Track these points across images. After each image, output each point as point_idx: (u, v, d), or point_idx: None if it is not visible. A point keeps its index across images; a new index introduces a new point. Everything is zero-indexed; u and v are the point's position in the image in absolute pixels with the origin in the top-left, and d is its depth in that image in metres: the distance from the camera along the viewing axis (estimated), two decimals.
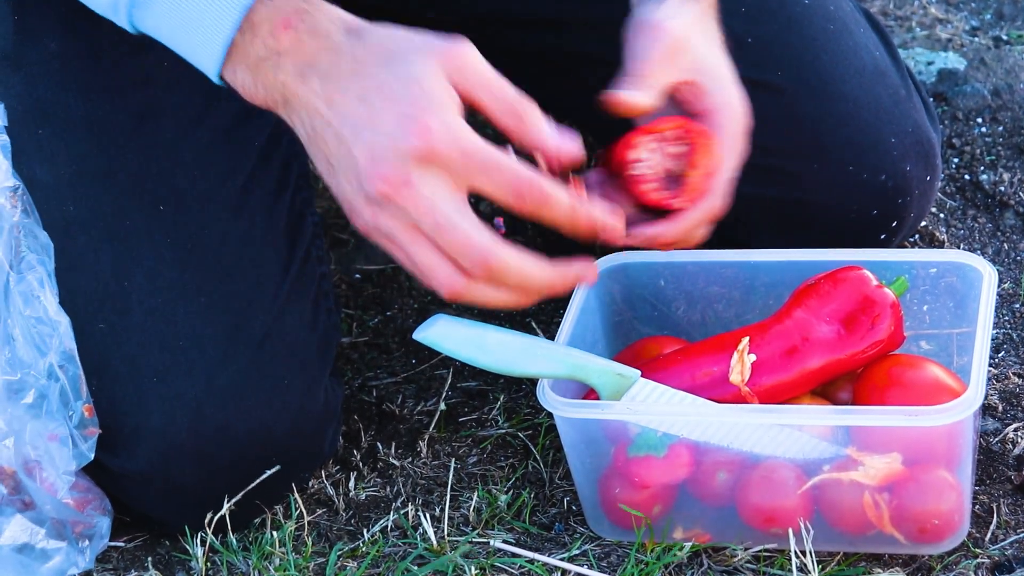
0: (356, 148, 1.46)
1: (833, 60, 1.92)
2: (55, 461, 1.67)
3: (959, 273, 1.78)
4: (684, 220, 1.62)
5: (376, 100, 1.46)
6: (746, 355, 1.70)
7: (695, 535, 1.70)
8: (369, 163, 1.45)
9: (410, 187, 1.45)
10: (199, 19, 1.51)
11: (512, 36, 2.03)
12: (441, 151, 1.45)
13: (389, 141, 1.45)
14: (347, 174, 1.47)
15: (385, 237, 1.48)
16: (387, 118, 1.45)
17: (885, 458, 1.61)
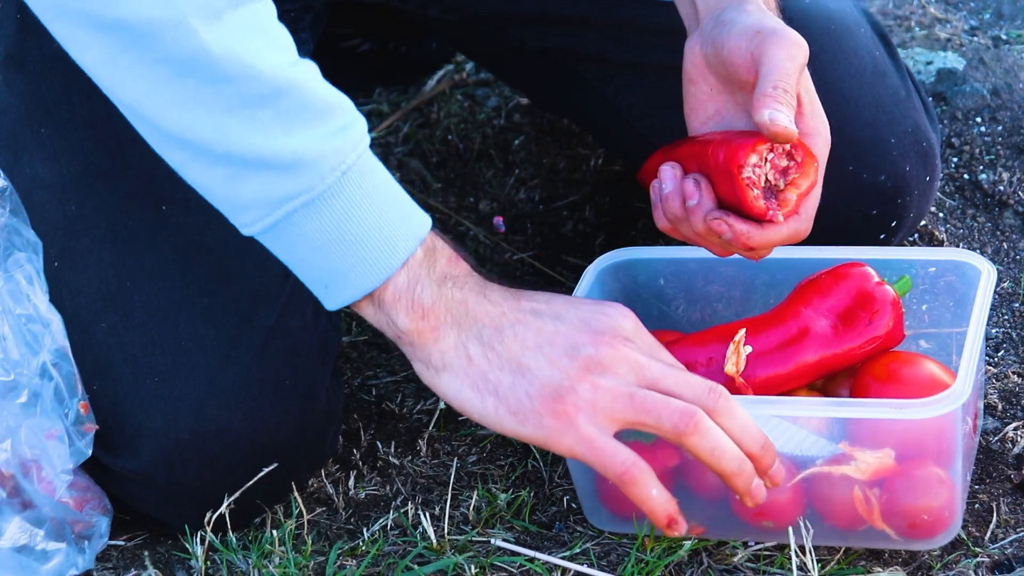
0: (566, 326, 1.54)
1: (833, 60, 1.92)
2: (52, 460, 1.67)
3: (958, 272, 1.78)
4: (773, 232, 1.63)
5: (570, 304, 1.57)
6: (742, 346, 1.70)
7: (691, 528, 1.70)
8: (587, 329, 1.54)
9: (621, 346, 1.54)
10: (376, 234, 1.53)
11: (513, 34, 2.04)
12: (638, 338, 1.56)
13: (603, 315, 1.56)
14: (556, 353, 1.53)
15: (605, 394, 1.53)
16: (594, 316, 1.56)
17: (877, 453, 1.61)
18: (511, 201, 2.32)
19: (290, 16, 1.94)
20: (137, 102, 1.52)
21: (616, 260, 1.86)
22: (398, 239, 1.53)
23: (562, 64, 2.03)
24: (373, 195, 1.53)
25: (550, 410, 1.52)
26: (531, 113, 2.45)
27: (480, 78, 2.54)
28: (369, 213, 1.52)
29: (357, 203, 1.52)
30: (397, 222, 1.54)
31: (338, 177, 1.51)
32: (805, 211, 1.65)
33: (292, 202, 1.51)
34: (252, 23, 1.50)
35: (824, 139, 1.65)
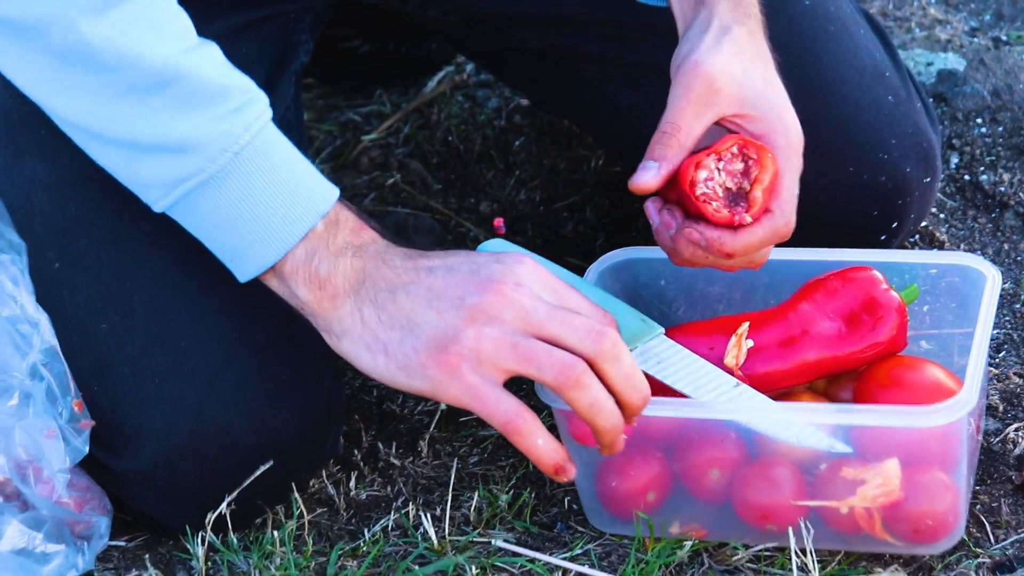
0: (456, 278, 1.55)
1: (833, 61, 1.92)
2: (50, 460, 1.67)
3: (961, 274, 1.78)
4: (748, 234, 1.63)
5: (471, 258, 1.57)
6: (744, 339, 1.70)
7: (692, 530, 1.70)
8: (475, 278, 1.54)
9: (520, 289, 1.54)
10: (272, 213, 1.57)
11: (513, 35, 2.03)
12: (532, 282, 1.55)
13: (495, 264, 1.56)
14: (444, 305, 1.53)
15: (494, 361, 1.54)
16: (482, 261, 1.56)
17: (882, 482, 1.61)
18: (511, 202, 2.32)
19: (289, 17, 1.94)
20: (29, 88, 1.60)
21: (617, 261, 1.86)
22: (296, 216, 1.57)
23: (562, 64, 2.03)
24: (270, 174, 1.57)
25: (435, 361, 1.54)
26: (531, 114, 2.45)
27: (480, 79, 2.54)
28: (265, 191, 1.57)
29: (252, 182, 1.57)
30: (295, 199, 1.57)
31: (230, 158, 1.56)
32: (779, 207, 1.64)
33: (187, 183, 1.57)
34: (138, 15, 1.55)
35: (787, 128, 1.66)
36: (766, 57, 1.69)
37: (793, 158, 1.66)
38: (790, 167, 1.66)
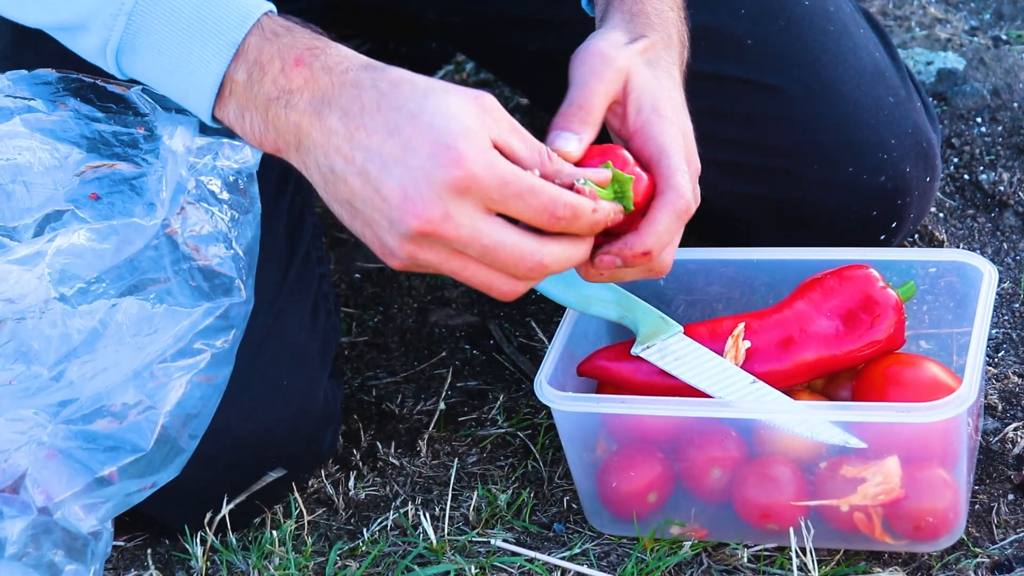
0: (385, 186, 1.40)
1: (833, 61, 1.92)
2: (60, 478, 1.66)
3: (959, 272, 1.78)
4: (649, 225, 1.55)
5: (407, 131, 1.40)
6: (741, 340, 1.71)
7: (692, 530, 1.70)
8: (402, 201, 1.40)
9: (449, 220, 1.40)
10: (188, 58, 1.46)
11: (513, 36, 2.04)
12: (480, 180, 1.39)
13: (422, 175, 1.39)
14: (375, 215, 1.42)
15: (427, 268, 1.44)
16: (420, 150, 1.39)
17: (882, 480, 1.61)
18: None
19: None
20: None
21: None
22: (205, 58, 1.46)
23: (562, 65, 2.03)
24: (173, 19, 1.48)
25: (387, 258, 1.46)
26: (531, 113, 2.45)
27: (480, 78, 2.54)
28: (173, 36, 1.47)
29: (159, 32, 1.48)
30: (202, 35, 1.47)
31: (124, 21, 1.48)
32: (667, 183, 1.55)
33: (106, 54, 1.50)
34: None
35: (660, 123, 1.58)
36: (670, 73, 1.65)
37: (671, 141, 1.58)
38: (671, 149, 1.57)
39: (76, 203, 1.59)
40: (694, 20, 1.88)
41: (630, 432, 1.71)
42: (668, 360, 1.70)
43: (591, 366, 1.76)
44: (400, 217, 1.40)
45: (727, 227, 2.02)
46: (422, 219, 1.40)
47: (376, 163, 1.41)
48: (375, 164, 1.41)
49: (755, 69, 1.92)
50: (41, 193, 1.62)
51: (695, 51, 1.89)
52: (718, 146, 1.94)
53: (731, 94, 1.93)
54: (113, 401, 1.60)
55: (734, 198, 1.97)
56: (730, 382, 1.68)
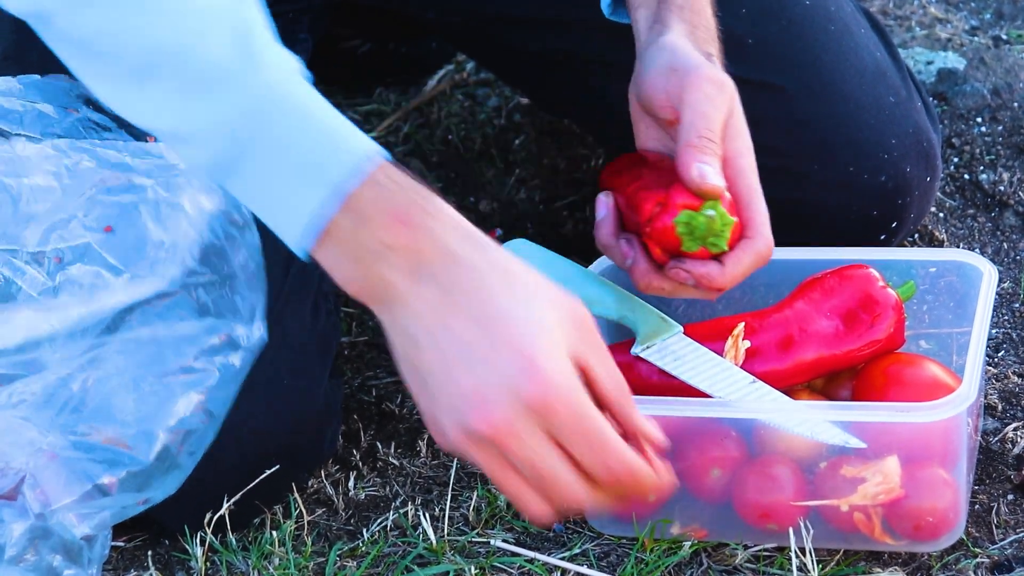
0: (464, 379, 1.36)
1: (834, 61, 1.92)
2: (59, 481, 1.66)
3: (959, 272, 1.78)
4: (734, 263, 1.60)
5: (495, 329, 1.36)
6: (741, 340, 1.71)
7: (692, 530, 1.70)
8: (477, 401, 1.35)
9: (516, 437, 1.36)
10: (293, 198, 1.39)
11: (513, 37, 2.03)
12: (556, 408, 1.36)
13: (503, 382, 1.35)
14: (444, 399, 1.37)
15: (471, 461, 1.40)
16: (505, 354, 1.35)
17: (882, 479, 1.61)
18: (511, 201, 2.32)
19: (288, 17, 1.93)
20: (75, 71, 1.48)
21: None
22: (315, 206, 1.39)
23: (563, 65, 2.03)
24: (277, 152, 1.41)
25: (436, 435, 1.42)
26: (531, 113, 2.45)
27: (480, 78, 2.54)
28: (275, 171, 1.41)
29: (260, 162, 1.40)
30: (312, 180, 1.39)
31: (229, 144, 1.40)
32: (756, 229, 1.61)
33: (209, 169, 1.43)
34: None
35: (747, 157, 1.62)
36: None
37: (751, 176, 1.63)
38: (757, 188, 1.63)
39: (90, 229, 1.60)
40: None
41: None
42: (668, 360, 1.70)
43: None
44: (468, 413, 1.36)
45: None
46: (490, 424, 1.35)
47: (459, 354, 1.37)
48: (458, 354, 1.37)
49: (756, 69, 1.92)
50: (49, 202, 1.62)
51: None
52: None
53: None
54: (115, 412, 1.60)
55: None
56: (730, 382, 1.68)
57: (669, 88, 1.61)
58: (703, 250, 1.61)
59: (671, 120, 1.64)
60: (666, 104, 1.63)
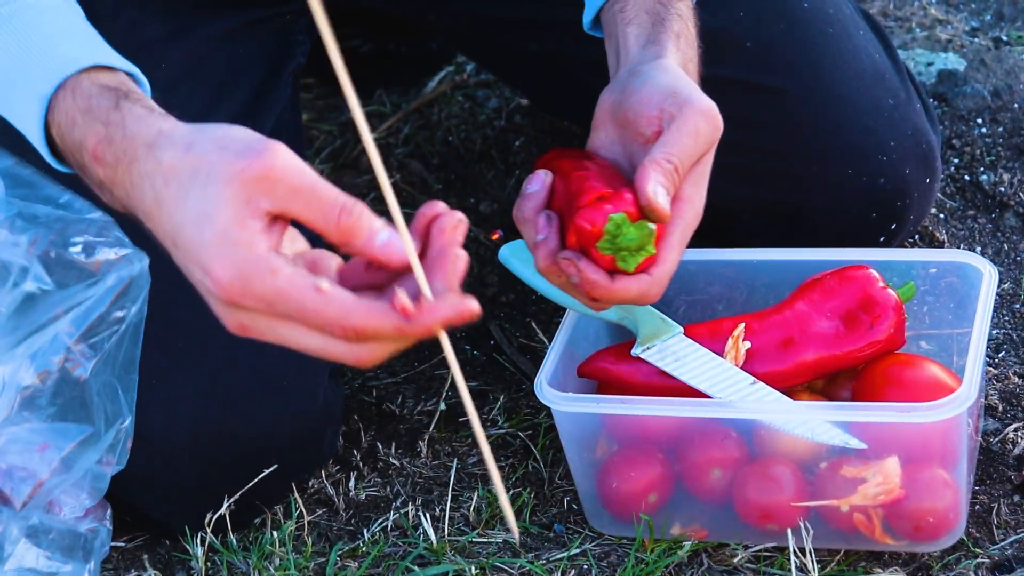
0: (187, 257, 1.32)
1: (833, 64, 1.92)
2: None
3: (959, 273, 1.78)
4: (621, 286, 1.56)
5: (177, 245, 1.32)
6: (741, 341, 1.71)
7: (693, 531, 1.70)
8: (211, 305, 1.33)
9: (252, 331, 1.32)
10: (16, 115, 1.43)
11: (513, 38, 2.04)
12: (253, 304, 1.29)
13: (207, 292, 1.30)
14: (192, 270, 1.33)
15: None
16: (192, 268, 1.31)
17: (882, 480, 1.61)
18: (511, 202, 2.32)
19: (286, 18, 1.94)
20: None
21: None
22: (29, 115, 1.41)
23: (562, 67, 2.03)
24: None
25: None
26: (531, 114, 2.45)
27: (481, 79, 2.54)
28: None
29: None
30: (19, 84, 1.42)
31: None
32: (656, 275, 1.58)
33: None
34: None
35: (695, 211, 1.60)
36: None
37: (686, 232, 1.60)
38: (682, 241, 1.60)
39: None
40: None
41: (630, 432, 1.71)
42: (668, 361, 1.70)
43: (591, 367, 1.76)
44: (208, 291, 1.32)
45: (727, 228, 2.02)
46: (229, 326, 1.32)
47: (176, 240, 1.33)
48: (173, 239, 1.33)
49: (755, 72, 1.92)
50: None
51: None
52: (718, 148, 1.94)
53: (731, 97, 1.92)
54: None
55: (733, 200, 1.97)
56: (730, 383, 1.68)
57: (665, 107, 1.59)
58: (609, 259, 1.56)
59: (647, 136, 1.61)
60: (655, 121, 1.60)
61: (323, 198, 1.28)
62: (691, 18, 1.69)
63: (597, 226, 1.55)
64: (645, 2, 1.69)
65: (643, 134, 1.60)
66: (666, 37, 1.66)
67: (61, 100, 1.41)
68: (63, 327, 1.58)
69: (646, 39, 1.67)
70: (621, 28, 1.69)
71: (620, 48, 1.69)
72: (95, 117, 1.38)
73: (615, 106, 1.63)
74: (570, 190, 1.60)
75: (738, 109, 1.92)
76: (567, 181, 1.62)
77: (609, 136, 1.66)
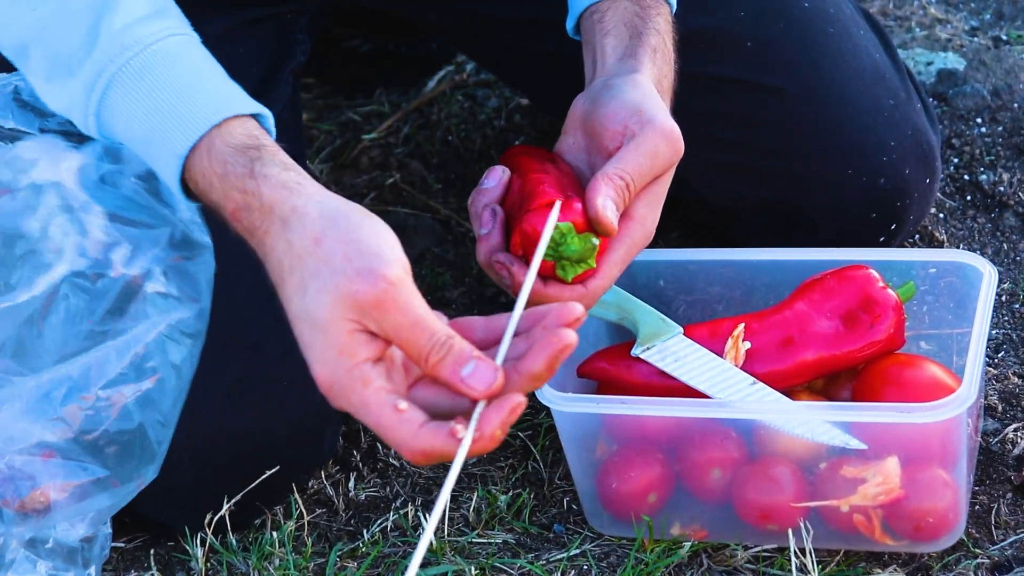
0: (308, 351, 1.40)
1: (833, 63, 1.92)
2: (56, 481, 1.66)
3: (959, 273, 1.78)
4: (555, 292, 1.58)
5: (296, 329, 1.40)
6: (741, 341, 1.71)
7: (693, 531, 1.70)
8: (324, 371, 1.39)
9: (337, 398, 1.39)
10: (156, 161, 1.50)
11: (513, 38, 2.04)
12: (336, 402, 1.38)
13: (315, 378, 1.39)
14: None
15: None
16: (303, 355, 1.40)
17: (882, 480, 1.61)
18: None
19: (286, 17, 1.94)
20: None
21: None
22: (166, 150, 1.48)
23: (563, 66, 2.03)
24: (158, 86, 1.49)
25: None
26: (531, 114, 2.45)
27: (480, 79, 2.54)
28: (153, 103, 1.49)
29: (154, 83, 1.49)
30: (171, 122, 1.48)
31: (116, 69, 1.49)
32: (591, 288, 1.59)
33: (99, 81, 1.50)
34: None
35: (645, 231, 1.61)
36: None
37: (629, 252, 1.61)
38: (621, 262, 1.61)
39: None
40: (694, 22, 1.88)
41: (630, 433, 1.71)
42: (668, 361, 1.70)
43: (591, 367, 1.76)
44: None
45: (727, 228, 2.02)
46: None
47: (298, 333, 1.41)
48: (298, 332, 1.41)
49: (755, 71, 1.92)
50: None
51: (695, 53, 1.90)
52: (717, 148, 1.95)
53: (730, 96, 1.93)
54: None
55: (733, 199, 1.97)
56: (730, 383, 1.68)
57: (629, 124, 1.60)
58: (550, 265, 1.57)
59: (609, 151, 1.61)
60: (617, 137, 1.60)
61: (420, 336, 1.36)
62: (669, 32, 1.70)
63: (541, 232, 1.55)
64: (624, 14, 1.70)
65: (606, 147, 1.62)
66: (643, 51, 1.67)
67: (197, 161, 1.47)
68: (112, 353, 1.59)
69: (623, 52, 1.68)
70: (599, 38, 1.70)
71: (597, 58, 1.70)
72: (231, 184, 1.45)
73: (585, 115, 1.66)
74: (524, 191, 1.61)
75: (738, 108, 1.93)
76: (523, 181, 1.63)
77: (577, 143, 1.67)
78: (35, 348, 1.59)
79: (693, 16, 1.87)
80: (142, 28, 1.49)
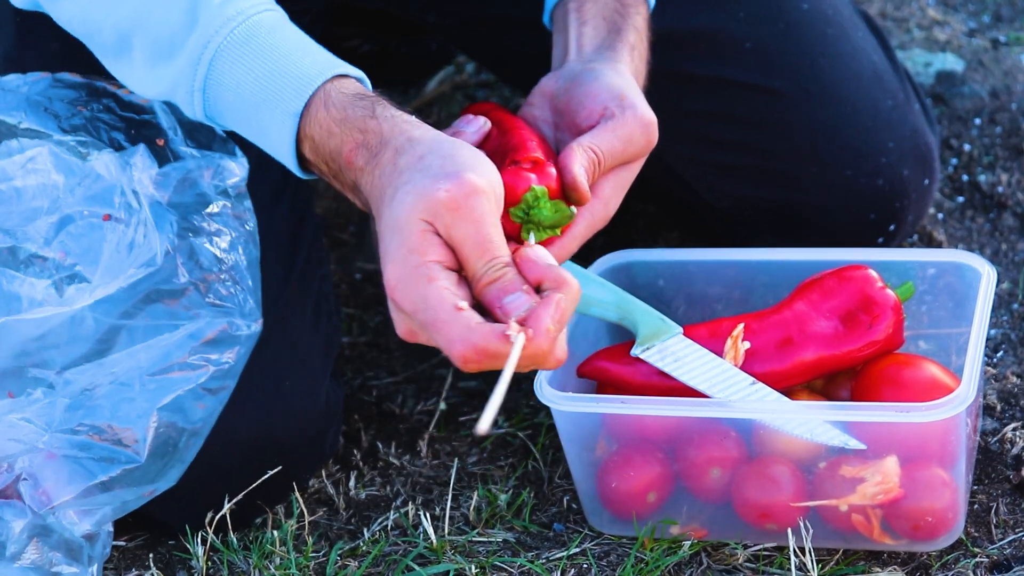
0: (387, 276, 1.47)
1: (831, 65, 1.93)
2: (60, 479, 1.67)
3: (958, 273, 1.79)
4: (518, 254, 1.56)
5: (381, 242, 1.47)
6: (740, 341, 1.71)
7: (692, 530, 1.71)
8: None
9: (411, 332, 1.46)
10: (263, 132, 1.57)
11: (512, 38, 2.04)
12: (400, 303, 1.43)
13: (386, 275, 1.45)
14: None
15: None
16: (382, 263, 1.46)
17: (881, 479, 1.62)
18: None
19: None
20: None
21: (616, 262, 1.87)
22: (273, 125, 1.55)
23: None
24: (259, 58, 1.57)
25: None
26: None
27: (480, 79, 2.54)
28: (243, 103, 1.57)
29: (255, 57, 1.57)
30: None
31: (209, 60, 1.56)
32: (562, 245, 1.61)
33: (204, 53, 1.57)
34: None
35: (606, 212, 1.63)
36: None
37: (585, 230, 1.63)
38: (577, 239, 1.63)
39: (93, 227, 1.63)
40: (694, 23, 1.89)
41: (630, 432, 1.71)
42: (668, 361, 1.71)
43: (591, 367, 1.76)
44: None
45: (726, 228, 2.02)
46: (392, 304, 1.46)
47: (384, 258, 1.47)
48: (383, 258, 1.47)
49: (754, 72, 1.92)
50: (49, 199, 1.64)
51: (695, 54, 1.90)
52: (717, 149, 1.95)
53: (730, 97, 1.93)
54: (111, 410, 1.61)
55: (732, 200, 1.97)
56: (729, 383, 1.68)
57: (609, 106, 1.62)
58: (516, 226, 1.57)
59: (582, 129, 1.63)
60: (594, 115, 1.63)
61: (484, 253, 1.43)
62: (646, 31, 1.72)
63: (517, 192, 1.56)
64: (603, 8, 1.71)
65: (579, 125, 1.64)
66: (622, 46, 1.69)
67: (313, 114, 1.54)
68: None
69: (600, 43, 1.70)
70: (575, 26, 1.72)
71: (571, 44, 1.72)
72: (352, 126, 1.52)
73: (559, 92, 1.67)
74: (508, 142, 1.62)
75: (736, 109, 1.93)
76: (506, 135, 1.64)
77: (543, 116, 1.70)
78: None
79: (693, 17, 1.88)
80: (241, 1, 1.57)
